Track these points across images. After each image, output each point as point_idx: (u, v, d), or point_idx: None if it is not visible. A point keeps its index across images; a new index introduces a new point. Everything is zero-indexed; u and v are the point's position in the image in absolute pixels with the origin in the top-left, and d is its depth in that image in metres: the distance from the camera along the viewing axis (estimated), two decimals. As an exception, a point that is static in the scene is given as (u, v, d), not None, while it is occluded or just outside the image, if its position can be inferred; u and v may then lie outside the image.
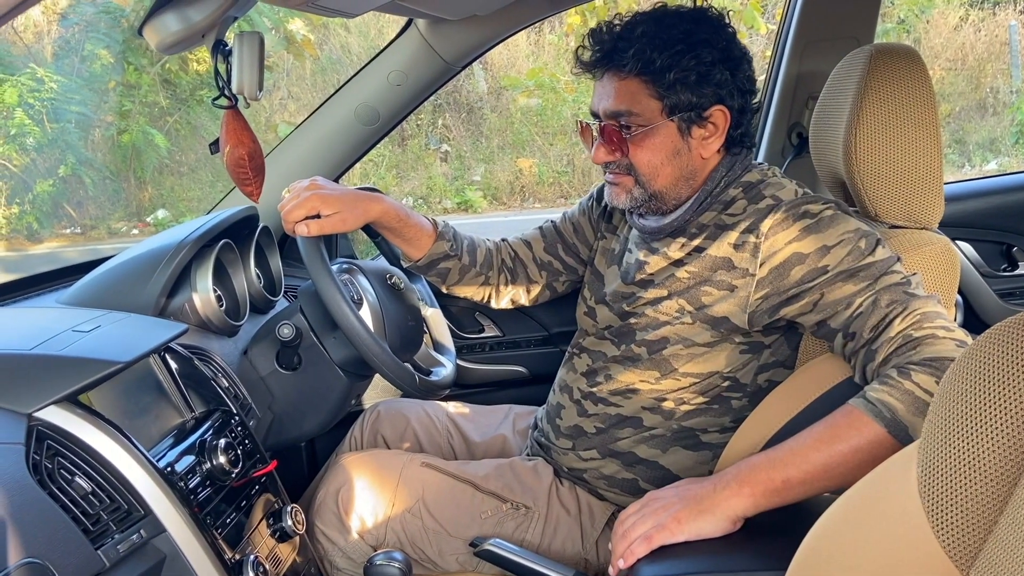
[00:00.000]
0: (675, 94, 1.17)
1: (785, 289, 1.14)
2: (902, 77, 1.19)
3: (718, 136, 1.21)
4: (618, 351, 1.28)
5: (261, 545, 1.19)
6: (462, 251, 1.48)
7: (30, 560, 0.84)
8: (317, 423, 1.49)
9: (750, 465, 1.04)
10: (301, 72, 7.06)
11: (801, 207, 1.15)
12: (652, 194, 1.23)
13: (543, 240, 1.51)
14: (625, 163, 1.22)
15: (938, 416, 0.63)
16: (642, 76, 1.17)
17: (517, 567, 1.18)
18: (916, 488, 0.64)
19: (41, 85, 5.72)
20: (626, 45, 1.18)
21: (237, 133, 1.05)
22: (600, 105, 1.22)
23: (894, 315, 1.06)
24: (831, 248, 1.11)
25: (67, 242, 6.13)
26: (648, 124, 1.19)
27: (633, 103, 1.19)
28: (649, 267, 1.26)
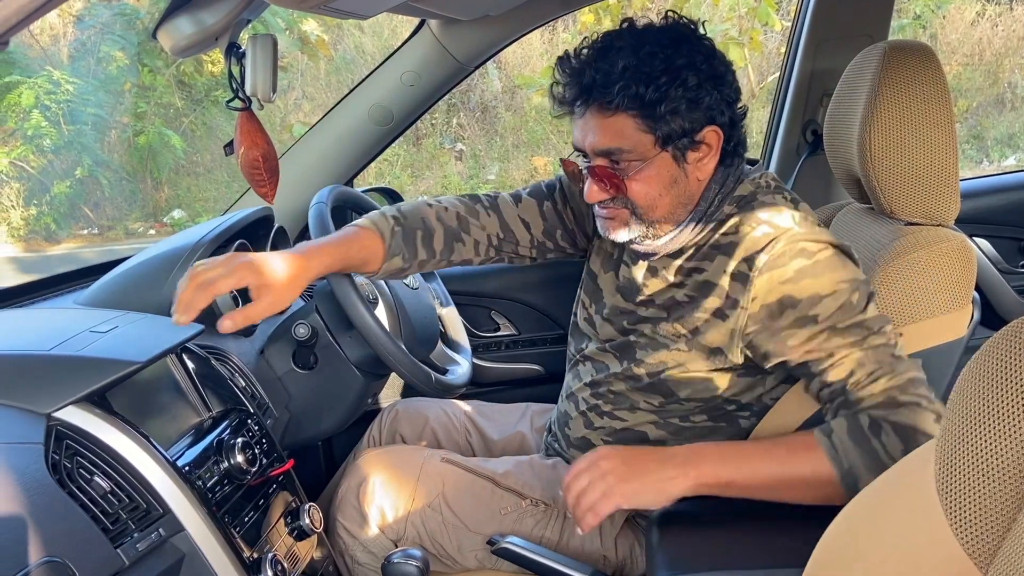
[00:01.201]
0: (666, 125, 1.12)
1: (775, 331, 1.11)
2: (916, 74, 1.18)
3: (713, 155, 1.17)
4: (620, 368, 1.26)
5: (279, 543, 1.20)
6: (417, 255, 1.33)
7: (50, 559, 0.85)
8: (334, 422, 1.50)
9: (703, 453, 1.12)
10: (315, 72, 7.08)
11: (799, 243, 1.10)
12: (650, 224, 1.19)
13: (543, 222, 1.40)
14: (621, 198, 1.17)
15: (956, 412, 0.63)
16: (631, 111, 1.11)
17: (535, 564, 1.18)
18: (934, 485, 0.64)
19: (58, 87, 5.77)
20: (607, 79, 1.11)
21: (251, 135, 1.06)
22: (587, 142, 1.16)
23: (881, 375, 1.07)
24: (824, 298, 1.09)
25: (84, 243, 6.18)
26: (642, 158, 1.14)
27: (624, 139, 1.13)
28: (648, 288, 1.23)
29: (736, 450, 1.12)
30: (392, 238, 1.30)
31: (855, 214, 1.38)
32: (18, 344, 1.09)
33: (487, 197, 1.40)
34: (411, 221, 1.32)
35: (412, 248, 1.32)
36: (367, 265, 1.29)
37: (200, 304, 1.08)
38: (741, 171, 1.22)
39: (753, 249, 1.12)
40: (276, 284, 1.13)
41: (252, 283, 1.12)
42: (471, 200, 1.39)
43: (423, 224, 1.33)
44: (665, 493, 1.09)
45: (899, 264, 1.19)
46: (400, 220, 1.31)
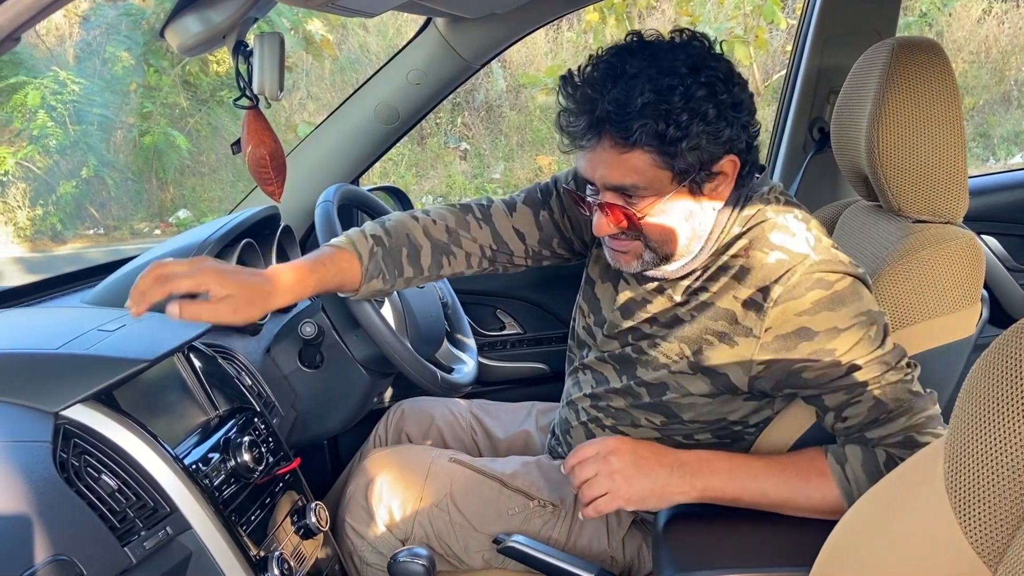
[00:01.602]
0: (685, 160, 1.04)
1: (789, 363, 1.08)
2: (925, 70, 1.18)
3: (729, 182, 1.11)
4: (620, 383, 1.23)
5: (286, 542, 1.20)
6: (403, 273, 1.26)
7: (58, 557, 0.85)
8: (340, 421, 1.50)
9: (713, 467, 1.10)
10: (320, 72, 7.09)
11: (815, 274, 1.06)
12: (665, 255, 1.13)
13: (539, 232, 1.33)
14: (634, 231, 1.11)
15: (965, 411, 0.63)
16: (648, 148, 1.03)
17: (540, 563, 1.18)
18: (943, 483, 0.64)
19: (64, 88, 5.78)
20: (623, 113, 1.02)
21: (258, 133, 1.06)
22: (597, 174, 1.08)
23: (899, 413, 1.06)
24: (842, 331, 1.05)
25: (90, 243, 6.19)
26: (658, 194, 1.07)
27: (640, 176, 1.05)
28: (652, 307, 1.19)
29: (746, 466, 1.10)
30: (370, 260, 1.22)
31: (862, 211, 1.37)
32: (26, 343, 1.10)
33: (479, 207, 1.32)
34: (395, 239, 1.25)
35: (396, 267, 1.25)
36: (344, 287, 1.22)
37: (154, 297, 1.01)
38: (751, 188, 1.16)
39: (768, 279, 1.08)
40: (238, 298, 1.05)
41: (213, 290, 1.04)
42: (462, 211, 1.32)
43: (408, 241, 1.26)
44: (669, 500, 1.10)
45: (907, 262, 1.18)
46: (381, 240, 1.24)
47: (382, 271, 1.23)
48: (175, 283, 1.02)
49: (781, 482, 1.09)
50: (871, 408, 1.06)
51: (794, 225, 1.12)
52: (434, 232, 1.29)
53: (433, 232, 1.29)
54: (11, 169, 5.90)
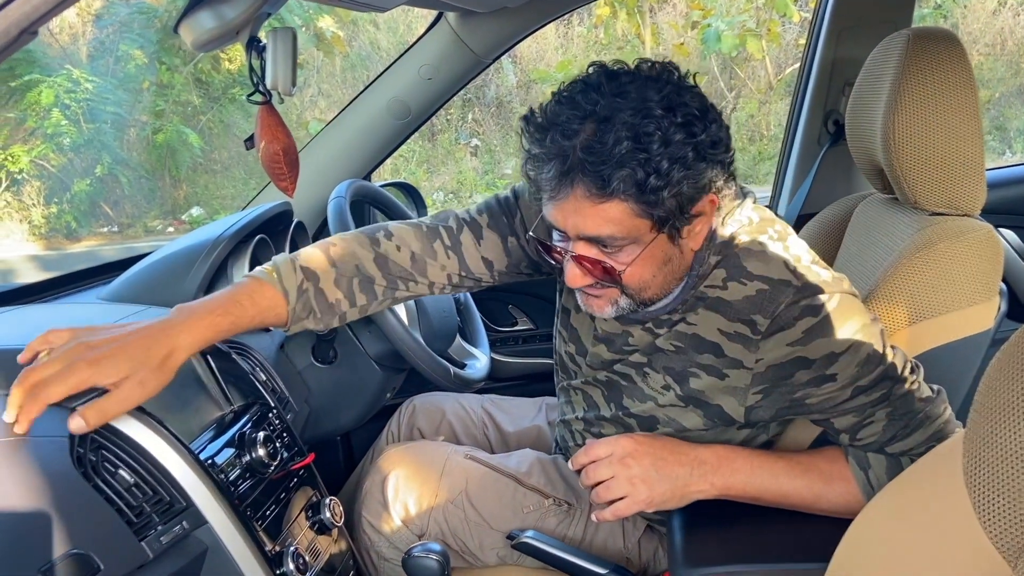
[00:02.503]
0: (665, 208, 0.97)
1: (789, 391, 1.04)
2: (941, 61, 1.16)
3: (707, 221, 1.04)
4: (609, 412, 1.19)
5: (301, 537, 1.20)
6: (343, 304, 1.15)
7: (76, 552, 0.86)
8: (353, 416, 1.50)
9: (734, 465, 1.08)
10: (331, 69, 7.11)
11: (801, 302, 1.00)
12: (642, 299, 1.07)
13: (507, 259, 1.24)
14: (608, 280, 1.04)
15: (984, 405, 0.62)
16: (627, 198, 0.95)
17: (554, 559, 1.18)
18: (962, 479, 0.63)
19: (77, 86, 5.82)
20: (599, 161, 0.93)
21: (272, 129, 1.06)
22: (568, 224, 0.99)
23: (916, 426, 1.05)
24: (840, 355, 1.00)
25: (104, 240, 6.24)
26: (635, 242, 1.00)
27: (617, 227, 0.98)
28: (632, 339, 1.14)
29: (768, 466, 1.08)
30: (298, 299, 1.09)
31: (877, 204, 1.36)
32: (43, 339, 1.10)
33: (447, 231, 1.21)
34: (341, 266, 1.14)
35: (346, 294, 1.14)
36: (269, 326, 1.10)
37: (32, 413, 0.88)
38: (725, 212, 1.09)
39: (751, 312, 1.03)
40: (133, 377, 0.92)
41: (100, 382, 0.91)
42: (429, 235, 1.20)
43: (358, 270, 1.15)
44: (687, 499, 1.09)
45: (924, 255, 1.17)
46: (315, 274, 1.11)
47: (312, 310, 1.11)
48: (48, 393, 0.89)
49: (803, 485, 1.07)
50: (886, 427, 1.04)
51: (770, 247, 1.05)
52: (395, 258, 1.18)
53: (394, 258, 1.18)
54: (26, 167, 5.95)
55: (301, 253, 1.13)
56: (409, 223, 1.21)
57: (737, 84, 6.99)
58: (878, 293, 1.18)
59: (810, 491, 1.08)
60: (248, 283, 1.08)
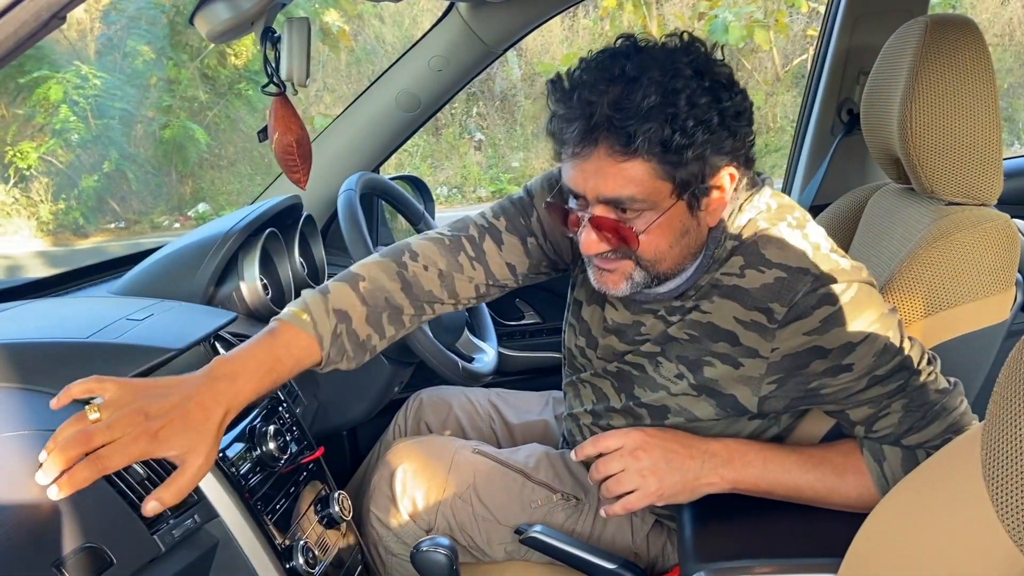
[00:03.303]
0: (686, 171, 0.97)
1: (804, 381, 1.03)
2: (959, 48, 1.15)
3: (724, 197, 1.03)
4: (620, 402, 1.17)
5: (310, 531, 1.20)
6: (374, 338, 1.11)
7: (89, 545, 0.86)
8: (361, 410, 1.50)
9: (746, 458, 1.07)
10: (336, 64, 7.10)
11: (819, 291, 0.99)
12: (656, 275, 1.05)
13: (528, 260, 1.22)
14: (624, 250, 1.03)
15: (1003, 397, 0.61)
16: (650, 156, 0.95)
17: (563, 554, 1.17)
18: (980, 472, 0.62)
19: (85, 82, 5.83)
20: (625, 118, 0.93)
21: (285, 120, 1.05)
22: (588, 185, 0.99)
23: (933, 417, 1.04)
24: (857, 345, 1.00)
25: (112, 236, 6.25)
26: (654, 208, 0.99)
27: (638, 187, 0.97)
28: (644, 328, 1.12)
29: (780, 460, 1.07)
30: (332, 344, 1.05)
31: (892, 194, 1.35)
32: (56, 332, 1.10)
33: (471, 242, 1.19)
34: (371, 302, 1.10)
35: (376, 329, 1.11)
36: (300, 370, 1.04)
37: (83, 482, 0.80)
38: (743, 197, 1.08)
39: (768, 299, 1.01)
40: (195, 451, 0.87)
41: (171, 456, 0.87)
42: (453, 248, 1.18)
43: (387, 303, 1.12)
44: (698, 493, 1.08)
45: (940, 246, 1.15)
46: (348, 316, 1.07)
47: (346, 352, 1.07)
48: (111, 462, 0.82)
49: (816, 478, 1.06)
50: (902, 418, 1.03)
51: (788, 235, 1.04)
52: (423, 280, 1.15)
53: (422, 281, 1.15)
54: (34, 164, 5.96)
55: (332, 292, 1.08)
56: (431, 238, 1.19)
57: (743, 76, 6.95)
58: (894, 284, 1.16)
59: (823, 484, 1.07)
60: (283, 332, 1.02)
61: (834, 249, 1.06)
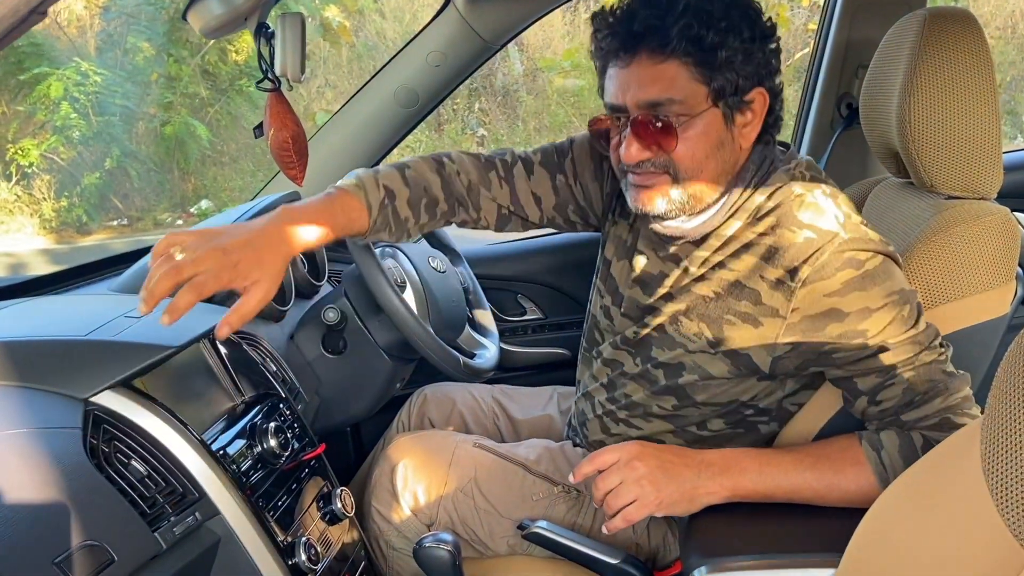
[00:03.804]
0: (722, 76, 1.03)
1: (818, 344, 1.06)
2: (958, 41, 1.14)
3: (756, 123, 1.09)
4: (636, 368, 1.20)
5: (312, 527, 1.20)
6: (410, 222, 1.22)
7: (90, 542, 0.86)
8: (363, 407, 1.50)
9: (742, 465, 1.07)
10: (338, 60, 7.09)
11: (846, 254, 1.03)
12: (691, 195, 1.08)
13: (555, 197, 1.31)
14: (663, 160, 1.07)
15: (1003, 391, 0.61)
16: (686, 57, 1.02)
17: (565, 549, 1.17)
18: (980, 466, 0.62)
19: (86, 79, 5.82)
20: (663, 21, 1.01)
21: (281, 116, 1.05)
22: (628, 95, 1.05)
23: (935, 394, 1.04)
24: (874, 311, 1.03)
25: (115, 234, 6.25)
26: (691, 112, 1.04)
27: (676, 89, 1.03)
28: (668, 280, 1.15)
29: (776, 462, 1.08)
30: (379, 212, 1.18)
31: (892, 189, 1.34)
32: (55, 330, 1.11)
33: (503, 163, 1.30)
34: (413, 191, 1.22)
35: (410, 216, 1.22)
36: (350, 234, 1.18)
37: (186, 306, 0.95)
38: (775, 156, 1.14)
39: (796, 259, 1.04)
40: (261, 283, 1.00)
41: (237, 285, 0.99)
42: (486, 166, 1.29)
43: (426, 193, 1.24)
44: (698, 503, 1.08)
45: (940, 239, 1.15)
46: (394, 193, 1.19)
47: (389, 225, 1.20)
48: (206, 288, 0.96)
49: (814, 477, 1.06)
50: (906, 390, 1.04)
51: (822, 201, 1.08)
52: (455, 186, 1.27)
53: (454, 186, 1.27)
54: (36, 161, 5.96)
55: (382, 172, 1.21)
56: (468, 153, 1.30)
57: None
58: (893, 278, 1.16)
59: (821, 482, 1.06)
60: (340, 196, 1.14)
61: (864, 222, 1.09)
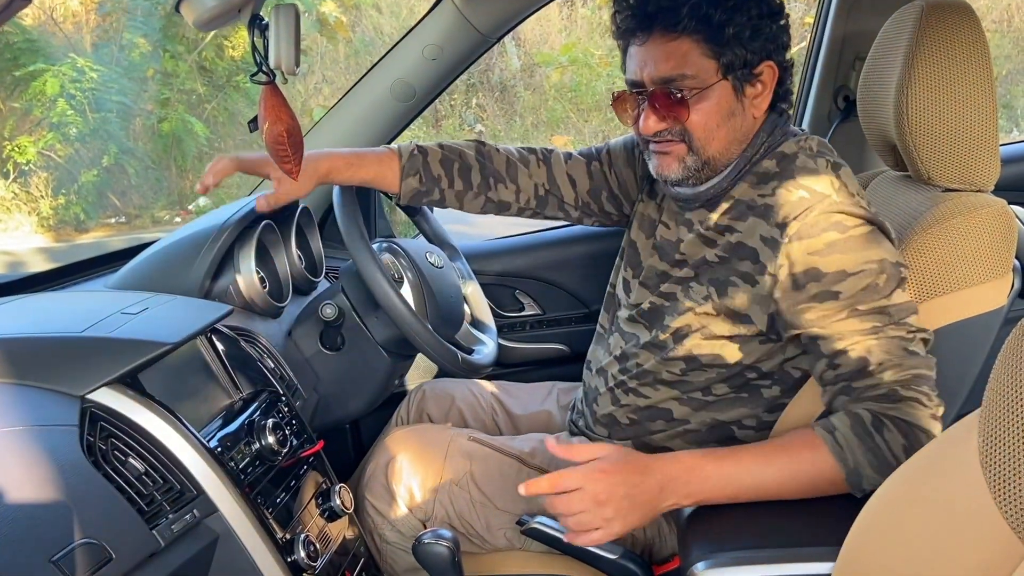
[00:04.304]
0: (730, 51, 1.12)
1: (795, 301, 1.09)
2: (955, 33, 1.14)
3: (767, 94, 1.17)
4: (649, 336, 1.25)
5: (311, 524, 1.20)
6: (444, 181, 1.40)
7: (88, 541, 0.86)
8: (361, 403, 1.50)
9: (702, 474, 1.06)
10: (335, 55, 7.07)
11: (834, 216, 1.08)
12: (705, 161, 1.17)
13: (590, 182, 1.44)
14: (678, 129, 1.16)
15: (1000, 384, 0.61)
16: (696, 34, 1.11)
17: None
18: (977, 459, 0.62)
19: (82, 75, 5.80)
20: (674, 2, 1.10)
21: (275, 109, 1.04)
22: (645, 72, 1.15)
23: (889, 366, 1.05)
24: (850, 275, 1.06)
25: (113, 231, 6.24)
26: (703, 85, 1.13)
27: (687, 65, 1.12)
28: (684, 246, 1.22)
29: (736, 462, 1.07)
30: (408, 160, 1.37)
31: (890, 181, 1.34)
32: (51, 327, 1.10)
33: (542, 150, 1.44)
34: (446, 153, 1.39)
35: (442, 174, 1.38)
36: (383, 180, 1.38)
37: (225, 171, 1.29)
38: (787, 128, 1.20)
39: (787, 215, 1.10)
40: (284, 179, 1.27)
41: (271, 174, 1.30)
42: (527, 151, 1.44)
43: (460, 157, 1.40)
44: (660, 514, 1.08)
45: (936, 231, 1.15)
46: (427, 151, 1.39)
47: (419, 172, 1.37)
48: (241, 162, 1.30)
49: (776, 470, 1.06)
50: (862, 358, 1.06)
51: (823, 169, 1.14)
52: (494, 159, 1.42)
53: (492, 159, 1.42)
54: (33, 158, 5.94)
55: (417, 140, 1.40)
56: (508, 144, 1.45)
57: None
58: (891, 271, 1.16)
59: (783, 473, 1.06)
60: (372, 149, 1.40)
61: (863, 195, 1.14)
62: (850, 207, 1.09)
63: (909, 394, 1.04)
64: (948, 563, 0.66)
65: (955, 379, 1.20)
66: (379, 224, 1.94)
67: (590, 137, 7.08)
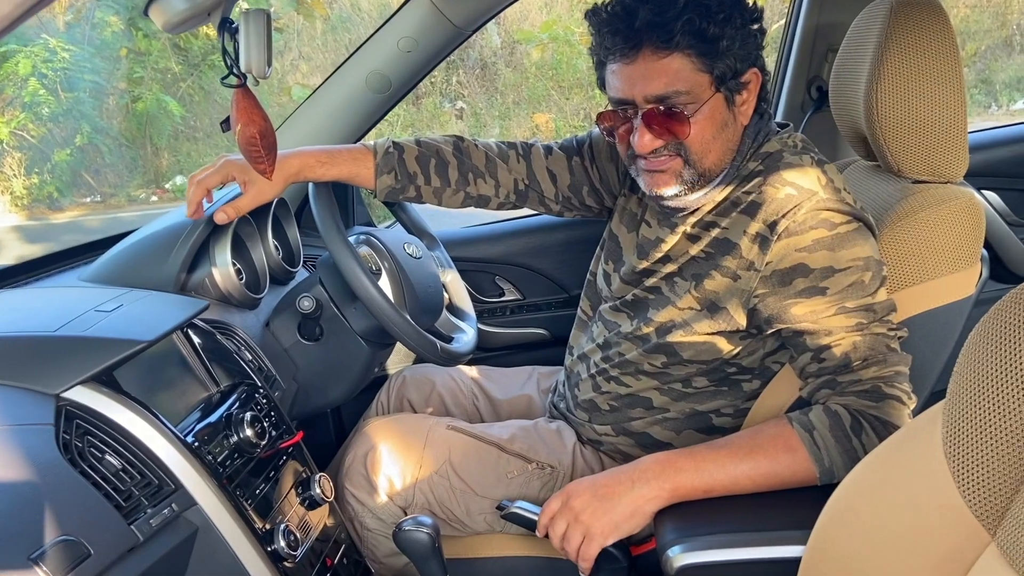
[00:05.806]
0: (722, 63, 1.09)
1: (783, 296, 1.10)
2: (924, 29, 1.16)
3: (752, 99, 1.15)
4: (631, 327, 1.26)
5: (291, 514, 1.21)
6: (419, 178, 1.37)
7: (65, 538, 0.86)
8: (341, 392, 1.50)
9: (677, 465, 1.08)
10: (312, 32, 6.98)
11: (822, 213, 1.08)
12: (701, 173, 1.15)
13: (570, 177, 1.41)
14: (674, 145, 1.13)
15: (964, 376, 0.63)
16: (688, 50, 1.07)
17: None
18: (941, 448, 0.64)
19: (54, 55, 5.70)
20: (664, 16, 1.06)
21: (248, 111, 1.04)
22: (636, 90, 1.10)
23: (873, 362, 1.07)
24: (837, 272, 1.07)
25: (88, 210, 6.16)
26: (697, 100, 1.10)
27: (681, 81, 1.08)
28: (666, 245, 1.22)
29: (712, 457, 1.09)
30: (383, 157, 1.34)
31: (861, 172, 1.36)
32: (25, 326, 1.10)
33: (522, 145, 1.43)
34: (423, 149, 1.37)
35: (418, 171, 1.36)
36: (357, 178, 1.36)
37: (196, 198, 1.28)
38: (769, 127, 1.20)
39: (776, 213, 1.10)
40: (260, 177, 1.24)
41: (237, 177, 1.28)
42: (507, 146, 1.42)
43: (437, 155, 1.38)
44: (642, 514, 1.09)
45: (906, 223, 1.17)
46: (403, 147, 1.37)
47: (394, 169, 1.35)
48: (207, 181, 1.28)
49: (750, 467, 1.07)
50: (847, 353, 1.07)
51: (808, 165, 1.14)
52: (472, 155, 1.40)
53: (471, 155, 1.40)
54: (5, 138, 5.85)
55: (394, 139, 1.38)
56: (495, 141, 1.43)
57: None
58: (861, 261, 1.18)
59: (758, 471, 1.07)
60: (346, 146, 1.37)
61: (847, 190, 1.15)
62: (837, 204, 1.09)
63: (891, 392, 1.06)
64: (914, 549, 0.68)
65: (926, 365, 1.23)
66: (358, 211, 1.93)
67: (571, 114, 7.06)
